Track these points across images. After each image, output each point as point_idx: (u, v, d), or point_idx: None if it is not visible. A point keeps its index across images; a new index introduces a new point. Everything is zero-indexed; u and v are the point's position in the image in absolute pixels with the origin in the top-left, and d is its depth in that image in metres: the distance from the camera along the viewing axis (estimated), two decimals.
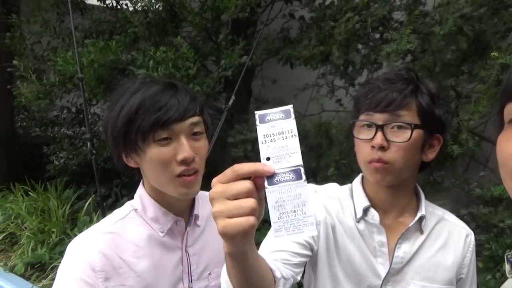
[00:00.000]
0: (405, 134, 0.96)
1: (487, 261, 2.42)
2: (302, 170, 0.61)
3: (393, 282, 1.04)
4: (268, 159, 0.61)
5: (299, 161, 0.61)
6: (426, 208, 1.08)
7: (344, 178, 2.89)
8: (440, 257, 1.05)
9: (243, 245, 0.64)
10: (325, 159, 2.58)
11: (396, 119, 0.96)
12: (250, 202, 0.58)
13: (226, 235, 0.60)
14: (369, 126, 0.99)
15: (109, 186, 4.16)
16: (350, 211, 1.07)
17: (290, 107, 0.64)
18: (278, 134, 0.62)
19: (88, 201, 3.68)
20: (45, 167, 4.54)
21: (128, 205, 1.05)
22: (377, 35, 2.71)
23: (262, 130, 0.62)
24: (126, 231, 1.00)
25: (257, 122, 0.63)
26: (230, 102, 2.63)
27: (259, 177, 0.60)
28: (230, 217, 0.58)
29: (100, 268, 0.93)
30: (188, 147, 0.91)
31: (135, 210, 1.03)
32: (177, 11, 3.06)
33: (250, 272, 0.72)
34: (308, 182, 0.64)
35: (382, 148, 0.97)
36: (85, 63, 2.83)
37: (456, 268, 1.07)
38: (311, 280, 1.10)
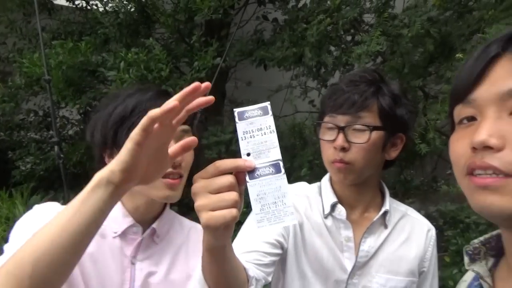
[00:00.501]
0: (365, 136, 1.00)
1: (454, 255, 2.51)
2: (281, 164, 0.64)
3: (358, 275, 1.07)
4: (248, 154, 0.64)
5: (278, 155, 0.64)
6: (391, 204, 1.11)
7: (317, 178, 2.90)
8: (403, 251, 1.09)
9: (224, 237, 0.67)
10: (299, 159, 2.61)
11: (357, 121, 1.00)
12: (233, 195, 0.60)
13: (210, 227, 0.62)
14: (332, 128, 1.03)
15: (79, 191, 4.03)
16: (318, 207, 1.10)
17: (267, 104, 0.66)
18: (257, 130, 0.65)
19: None
20: (11, 172, 4.35)
21: None
22: (349, 37, 2.77)
23: (241, 127, 0.65)
24: None
25: (236, 119, 0.65)
26: None
27: (240, 172, 0.62)
28: (214, 209, 0.60)
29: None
30: None
31: None
32: (149, 12, 3.01)
33: (227, 268, 0.74)
34: None
35: (343, 149, 1.01)
36: (53, 64, 2.74)
37: (418, 261, 1.11)
38: (280, 278, 1.11)
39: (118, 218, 0.97)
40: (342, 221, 1.07)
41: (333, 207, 1.08)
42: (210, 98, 0.65)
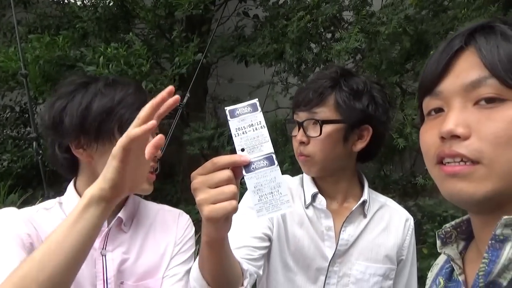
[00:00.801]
0: (318, 129, 1.06)
1: (432, 247, 2.58)
2: (274, 156, 0.68)
3: (339, 263, 1.11)
4: (242, 150, 0.68)
5: (270, 149, 0.68)
6: (370, 195, 1.16)
7: (299, 172, 2.94)
8: (382, 239, 1.14)
9: (225, 229, 0.71)
10: (281, 155, 2.63)
11: (313, 116, 1.07)
12: (232, 188, 0.65)
13: (212, 219, 0.66)
14: (294, 124, 1.10)
15: (59, 189, 3.96)
16: (300, 198, 1.14)
17: (255, 100, 0.71)
18: (248, 127, 0.69)
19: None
20: None
21: (55, 200, 1.02)
22: (329, 35, 2.80)
23: (233, 124, 0.69)
24: (46, 221, 0.95)
25: (228, 117, 0.70)
26: (185, 100, 2.60)
27: (237, 167, 0.67)
28: (214, 202, 0.65)
29: (28, 233, 0.89)
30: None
31: (60, 203, 1.00)
32: (128, 7, 2.98)
33: (225, 262, 0.79)
34: None
35: (303, 143, 1.08)
36: (29, 59, 2.68)
37: (396, 249, 1.15)
38: (264, 268, 1.14)
39: None
40: (323, 211, 1.11)
41: (313, 197, 1.12)
42: (176, 97, 0.68)
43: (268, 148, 0.68)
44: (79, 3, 3.01)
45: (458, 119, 0.54)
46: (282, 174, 0.72)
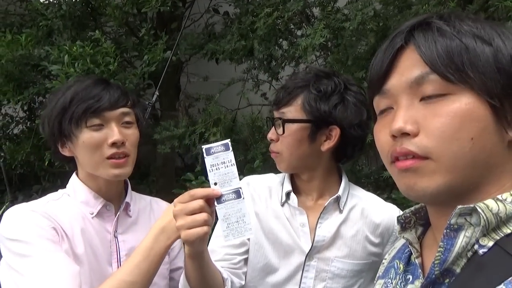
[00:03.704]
0: (282, 128, 1.11)
1: None
2: (241, 190, 0.83)
3: (317, 259, 1.13)
4: (215, 184, 0.83)
5: (238, 184, 0.83)
6: (350, 191, 1.18)
7: (271, 168, 2.95)
8: (362, 235, 1.15)
9: (201, 247, 0.89)
10: (252, 152, 2.63)
11: (281, 115, 1.13)
12: (204, 216, 0.82)
13: (188, 241, 0.85)
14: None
15: (28, 193, 3.84)
16: (278, 196, 1.19)
17: (227, 141, 0.84)
18: (221, 164, 0.83)
19: (2, 210, 3.38)
20: None
21: (60, 191, 1.12)
22: (299, 31, 2.81)
23: (208, 161, 0.83)
24: (60, 208, 1.04)
25: (204, 155, 0.83)
26: (154, 98, 2.57)
27: (210, 199, 0.83)
28: (189, 228, 0.82)
29: (53, 226, 0.98)
30: (118, 132, 1.02)
31: (68, 195, 1.10)
32: (94, 3, 2.91)
33: (206, 270, 0.94)
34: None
35: (272, 140, 1.15)
36: None
37: (382, 246, 1.16)
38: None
39: (90, 201, 1.08)
40: (296, 208, 1.15)
41: (287, 195, 1.16)
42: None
43: (236, 183, 0.83)
44: (42, 0, 2.91)
45: (406, 117, 0.56)
46: (253, 172, 0.78)
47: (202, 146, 0.84)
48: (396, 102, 0.59)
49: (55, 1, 2.88)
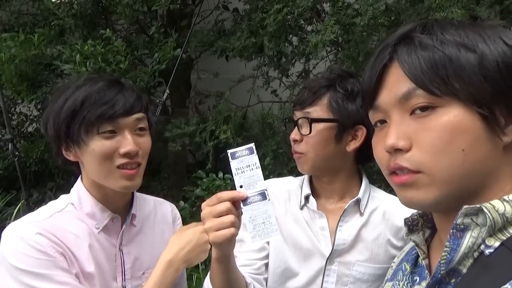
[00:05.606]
0: (308, 128, 1.08)
1: None
2: (267, 192, 0.84)
3: (338, 263, 1.10)
4: (241, 186, 0.84)
5: (264, 186, 0.84)
6: (371, 193, 1.15)
7: (281, 166, 2.96)
8: (384, 238, 1.11)
9: (228, 249, 0.89)
10: (263, 149, 2.63)
11: (306, 115, 1.09)
12: (231, 217, 0.83)
13: (216, 243, 0.85)
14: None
15: (43, 190, 3.91)
16: (297, 199, 1.16)
17: (252, 145, 0.85)
18: (246, 167, 0.84)
19: (18, 207, 3.45)
20: None
21: (64, 199, 1.03)
22: (310, 27, 2.79)
23: (234, 164, 0.84)
24: (65, 223, 0.98)
25: (230, 159, 0.84)
26: (164, 96, 2.59)
27: (236, 201, 0.84)
28: (217, 230, 0.83)
29: (50, 248, 0.92)
30: (132, 141, 0.95)
31: (72, 204, 1.02)
32: (105, 2, 2.93)
33: (232, 274, 0.94)
34: None
35: (296, 141, 1.11)
36: (4, 58, 2.62)
37: (399, 249, 1.10)
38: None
39: (96, 214, 1.01)
40: (316, 212, 1.12)
41: (306, 198, 1.14)
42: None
43: (262, 185, 0.83)
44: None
45: (398, 133, 0.57)
46: (263, 169, 0.77)
47: (228, 151, 0.85)
48: (388, 116, 0.59)
49: (66, 0, 2.90)
